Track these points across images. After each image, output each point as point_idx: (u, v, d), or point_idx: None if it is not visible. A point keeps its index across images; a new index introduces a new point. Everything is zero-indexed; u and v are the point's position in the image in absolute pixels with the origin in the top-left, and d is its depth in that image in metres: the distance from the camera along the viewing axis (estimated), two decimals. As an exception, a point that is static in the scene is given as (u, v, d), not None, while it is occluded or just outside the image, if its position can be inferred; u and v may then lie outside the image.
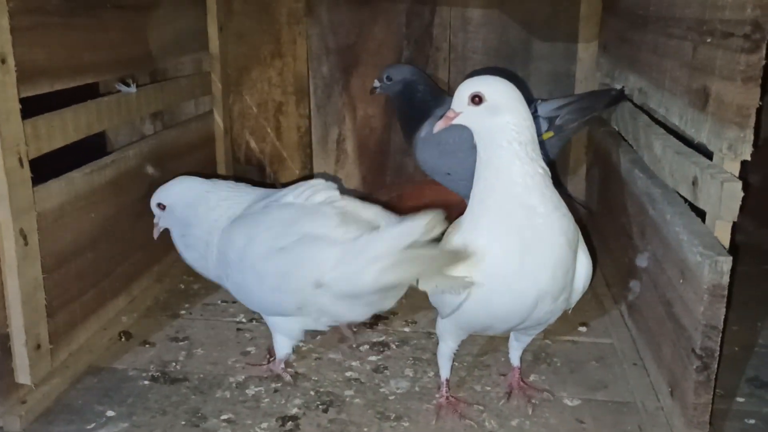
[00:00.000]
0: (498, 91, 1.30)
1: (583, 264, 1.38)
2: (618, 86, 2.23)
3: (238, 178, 2.71)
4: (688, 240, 1.37)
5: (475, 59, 2.63)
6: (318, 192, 1.62)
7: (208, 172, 2.55)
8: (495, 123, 1.28)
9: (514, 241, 1.29)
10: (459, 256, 1.32)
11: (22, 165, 1.44)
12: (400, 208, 2.50)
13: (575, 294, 1.40)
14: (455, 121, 1.33)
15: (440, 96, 2.30)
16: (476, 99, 1.29)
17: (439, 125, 1.37)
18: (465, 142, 2.20)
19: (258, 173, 2.78)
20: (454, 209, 2.48)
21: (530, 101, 1.37)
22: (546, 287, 1.31)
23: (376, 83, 2.33)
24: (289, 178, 2.77)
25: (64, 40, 1.65)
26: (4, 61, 1.38)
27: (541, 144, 1.33)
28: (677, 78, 1.54)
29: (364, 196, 2.68)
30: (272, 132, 2.73)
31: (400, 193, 2.65)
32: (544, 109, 2.08)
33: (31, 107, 1.51)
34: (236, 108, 2.71)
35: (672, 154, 1.55)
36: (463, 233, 1.35)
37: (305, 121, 2.72)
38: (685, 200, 1.52)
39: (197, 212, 1.69)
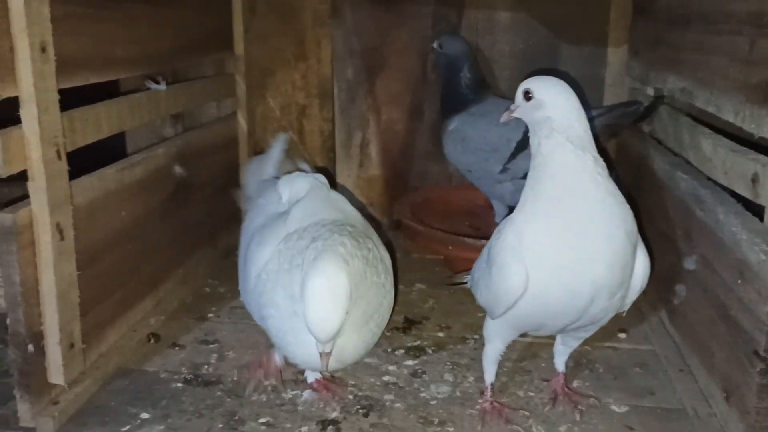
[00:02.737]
0: (544, 88, 1.34)
1: (642, 262, 1.34)
2: (649, 91, 2.20)
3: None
4: (748, 239, 1.32)
5: (502, 63, 2.60)
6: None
7: (231, 174, 2.51)
8: (538, 117, 1.33)
9: (567, 229, 1.26)
10: None
11: (59, 157, 1.40)
12: (424, 213, 2.49)
13: (632, 293, 1.36)
14: (514, 115, 1.40)
15: (482, 92, 2.28)
16: (527, 95, 1.35)
17: (504, 117, 1.42)
18: (488, 143, 2.20)
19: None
20: (480, 213, 2.48)
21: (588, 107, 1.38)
22: (603, 280, 1.27)
23: (435, 44, 2.36)
24: (311, 182, 2.72)
25: (97, 32, 1.62)
26: (44, 50, 1.34)
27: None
28: (729, 74, 1.50)
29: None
30: (295, 135, 2.69)
31: (425, 197, 2.61)
32: None
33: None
34: (259, 111, 2.67)
35: (726, 152, 1.51)
36: (515, 224, 1.33)
37: (329, 124, 2.68)
38: (738, 200, 1.48)
39: None
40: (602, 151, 1.35)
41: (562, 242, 1.27)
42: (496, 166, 2.17)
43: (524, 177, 1.38)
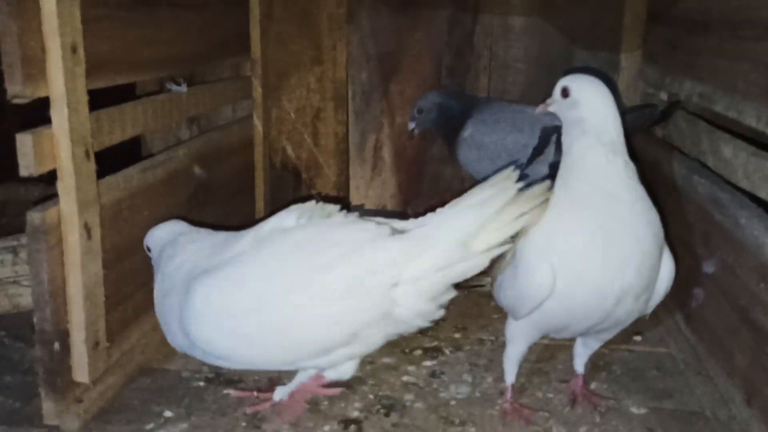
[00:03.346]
0: (581, 88, 1.35)
1: (667, 265, 1.35)
2: (663, 96, 2.22)
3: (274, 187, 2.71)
4: (771, 242, 1.33)
5: (516, 67, 2.62)
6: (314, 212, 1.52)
7: (246, 176, 2.52)
8: (573, 116, 1.35)
9: (595, 231, 1.28)
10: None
11: (88, 157, 1.42)
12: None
13: (656, 296, 1.37)
14: (549, 109, 1.42)
15: (475, 101, 2.30)
16: (564, 92, 1.36)
17: (540, 108, 1.44)
18: (505, 149, 2.21)
19: (294, 180, 2.75)
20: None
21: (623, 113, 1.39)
22: (630, 282, 1.29)
23: (411, 124, 2.31)
24: (325, 185, 2.74)
25: (125, 34, 1.63)
26: (75, 51, 1.36)
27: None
28: (753, 80, 1.51)
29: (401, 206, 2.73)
30: (309, 138, 2.71)
31: (437, 202, 2.62)
32: None
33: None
34: (274, 113, 2.68)
35: (747, 157, 1.52)
36: (542, 224, 1.34)
37: (343, 127, 2.69)
38: (759, 204, 1.49)
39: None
40: (632, 154, 1.36)
41: (590, 244, 1.29)
42: None
43: (541, 180, 1.40)
